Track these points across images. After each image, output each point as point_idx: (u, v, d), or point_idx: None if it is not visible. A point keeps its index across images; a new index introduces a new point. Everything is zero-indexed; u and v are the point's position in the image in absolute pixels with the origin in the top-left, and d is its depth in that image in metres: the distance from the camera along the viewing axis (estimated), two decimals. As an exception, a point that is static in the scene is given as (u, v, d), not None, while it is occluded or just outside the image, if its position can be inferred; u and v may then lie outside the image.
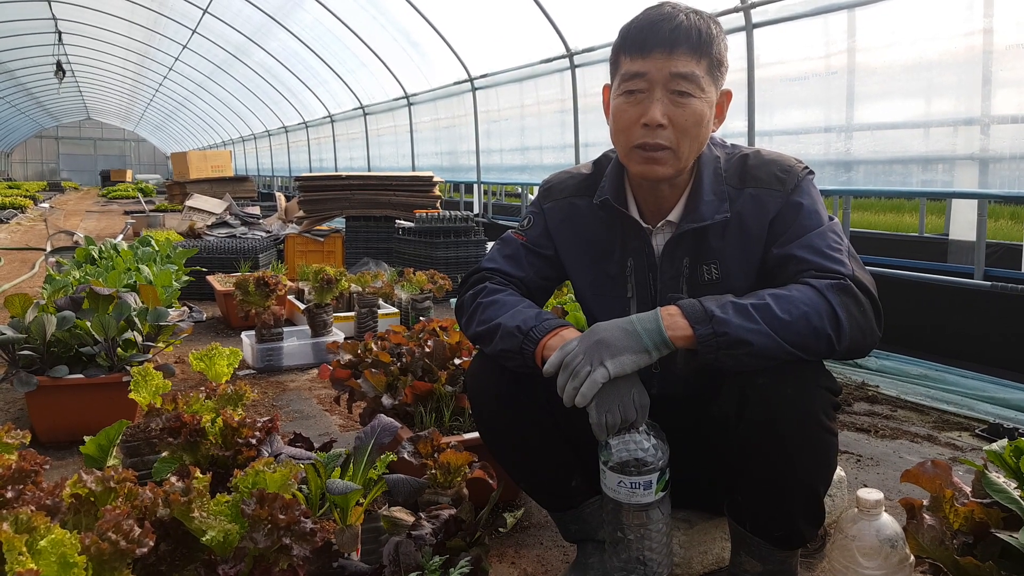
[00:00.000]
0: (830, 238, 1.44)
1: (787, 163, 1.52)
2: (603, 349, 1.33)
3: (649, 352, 1.33)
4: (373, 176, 7.32)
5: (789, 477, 1.39)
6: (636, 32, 1.45)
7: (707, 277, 1.53)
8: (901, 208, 15.03)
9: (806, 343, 1.32)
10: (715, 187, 1.52)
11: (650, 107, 1.42)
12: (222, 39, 14.35)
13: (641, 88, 1.43)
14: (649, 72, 1.42)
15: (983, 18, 3.58)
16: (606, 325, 1.37)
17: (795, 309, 1.32)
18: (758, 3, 4.73)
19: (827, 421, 1.37)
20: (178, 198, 13.77)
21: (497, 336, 1.50)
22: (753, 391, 1.35)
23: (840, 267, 1.39)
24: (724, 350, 1.31)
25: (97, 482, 1.31)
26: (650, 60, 1.41)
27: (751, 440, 1.38)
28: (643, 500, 1.35)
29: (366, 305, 4.16)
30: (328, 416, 3.08)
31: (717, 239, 1.52)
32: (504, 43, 8.09)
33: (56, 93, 26.66)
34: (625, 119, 1.46)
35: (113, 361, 2.69)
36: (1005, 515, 1.33)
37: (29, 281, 6.61)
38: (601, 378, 1.31)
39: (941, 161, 3.91)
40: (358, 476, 1.59)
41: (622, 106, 1.46)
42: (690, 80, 1.41)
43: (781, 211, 1.48)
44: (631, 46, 1.45)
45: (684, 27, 1.41)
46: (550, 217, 1.69)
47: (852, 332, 1.34)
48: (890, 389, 3.38)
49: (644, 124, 1.43)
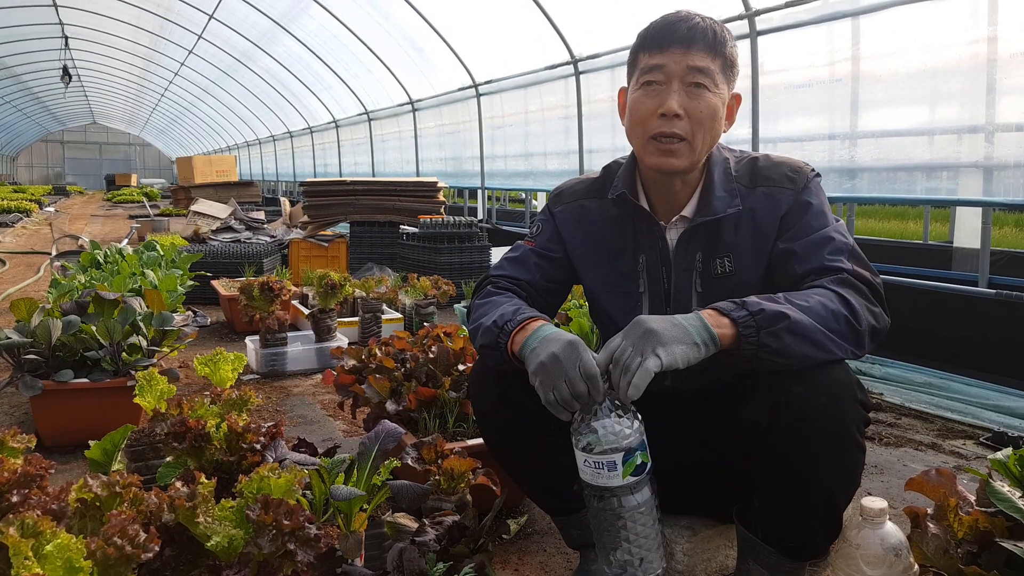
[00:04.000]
0: (836, 239, 1.49)
1: (796, 164, 1.58)
2: (653, 339, 1.30)
3: (699, 346, 1.31)
4: (377, 181, 7.34)
5: (813, 488, 1.38)
6: (655, 31, 1.52)
7: (720, 270, 1.56)
8: (905, 215, 15.01)
9: (828, 323, 1.34)
10: (726, 185, 1.56)
11: (668, 98, 1.48)
12: (228, 44, 14.41)
13: (659, 80, 1.49)
14: (667, 64, 1.48)
15: (987, 26, 3.58)
16: (650, 317, 1.35)
17: (809, 299, 1.37)
18: (762, 10, 4.73)
19: (858, 436, 1.37)
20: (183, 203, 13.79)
21: (479, 333, 1.54)
22: (786, 398, 1.35)
23: (840, 263, 1.45)
24: (765, 329, 1.30)
25: (103, 487, 1.31)
26: (668, 54, 1.48)
27: (779, 448, 1.38)
28: (609, 483, 1.31)
29: (370, 310, 4.17)
30: (332, 421, 3.08)
31: (730, 233, 1.56)
32: (509, 49, 8.11)
33: (62, 97, 26.76)
34: (643, 110, 1.51)
35: (118, 365, 2.70)
36: (1010, 524, 1.32)
37: (34, 285, 6.63)
38: (654, 367, 1.27)
39: (945, 169, 3.91)
40: (362, 482, 1.59)
41: (640, 98, 1.52)
42: (706, 74, 1.48)
43: (792, 208, 1.53)
44: (650, 43, 1.52)
45: (700, 27, 1.49)
46: (561, 220, 1.72)
47: (864, 313, 1.38)
48: (894, 397, 3.38)
49: (661, 114, 1.48)
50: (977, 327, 4.27)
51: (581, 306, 3.41)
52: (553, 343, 1.37)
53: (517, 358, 1.45)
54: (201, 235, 7.15)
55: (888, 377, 3.65)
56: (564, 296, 1.79)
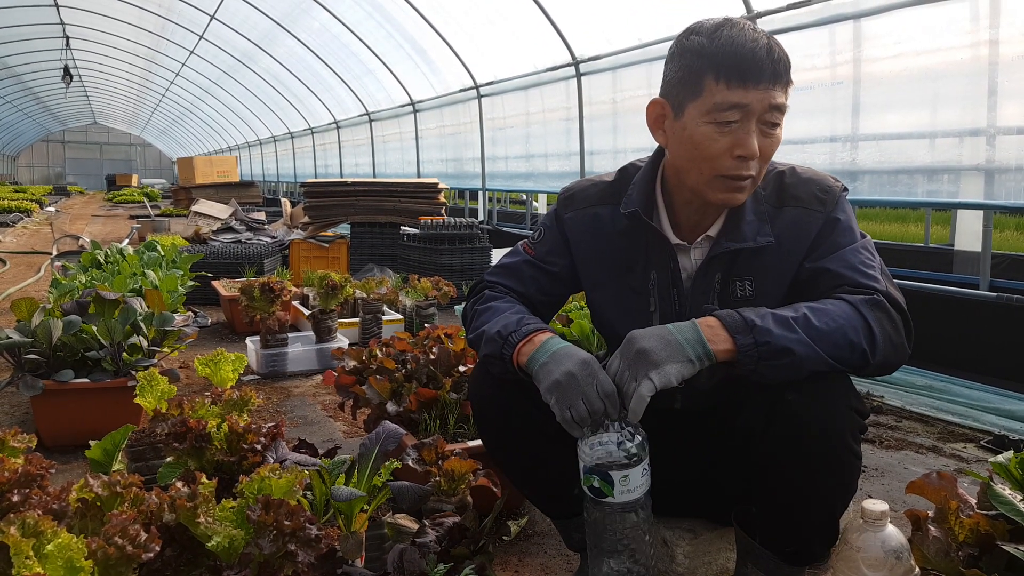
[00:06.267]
0: (864, 255, 1.44)
1: (826, 182, 1.51)
2: (646, 361, 1.29)
3: (693, 362, 1.30)
4: (378, 182, 7.34)
5: (809, 495, 1.38)
6: (736, 60, 1.36)
7: (740, 293, 1.51)
8: (906, 218, 15.00)
9: (842, 355, 1.31)
10: (755, 207, 1.50)
11: (746, 139, 1.38)
12: (229, 45, 14.42)
13: (736, 119, 1.38)
14: (751, 104, 1.37)
15: (989, 29, 3.58)
16: (643, 333, 1.33)
17: (832, 322, 1.31)
18: (764, 13, 4.74)
19: (853, 443, 1.36)
20: (184, 203, 13.79)
21: (482, 342, 1.52)
22: (782, 407, 1.34)
23: (874, 283, 1.39)
24: (765, 360, 1.29)
25: (103, 487, 1.31)
26: (753, 92, 1.36)
27: (775, 455, 1.37)
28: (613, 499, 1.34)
29: (371, 311, 4.17)
30: (332, 422, 3.08)
31: (753, 257, 1.50)
32: (510, 51, 8.11)
33: (63, 97, 26.81)
34: (715, 148, 1.40)
35: (119, 366, 2.70)
36: (1011, 527, 1.33)
37: (35, 285, 6.63)
38: (648, 392, 1.28)
39: (947, 171, 3.91)
40: (362, 483, 1.59)
41: (711, 135, 1.39)
42: (782, 111, 1.41)
43: (822, 228, 1.47)
44: (731, 75, 1.36)
45: (781, 59, 1.38)
46: (570, 228, 1.65)
47: (885, 347, 1.33)
48: (895, 400, 3.38)
49: (739, 156, 1.39)
50: (978, 330, 4.27)
51: (581, 307, 3.40)
52: (567, 360, 1.36)
53: (523, 370, 1.43)
54: (202, 235, 7.15)
55: (889, 380, 3.64)
56: (559, 307, 1.77)
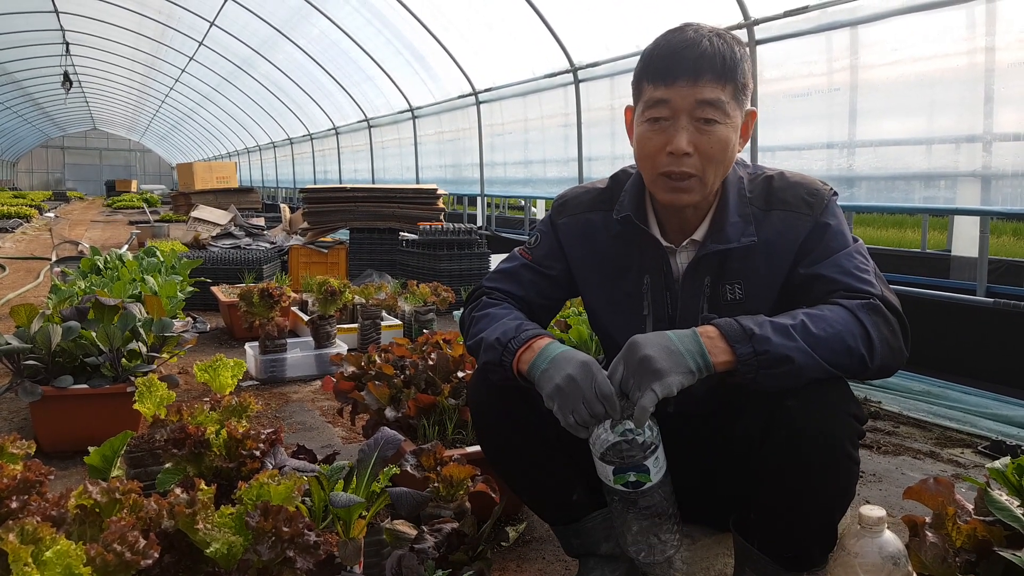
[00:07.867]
0: (857, 259, 1.44)
1: (814, 186, 1.51)
2: (650, 371, 1.30)
3: (693, 373, 1.30)
4: (377, 188, 7.35)
5: (807, 501, 1.38)
6: (659, 60, 1.41)
7: (730, 297, 1.52)
8: (903, 224, 15.02)
9: (841, 361, 1.32)
10: (740, 209, 1.50)
11: (675, 135, 1.40)
12: (229, 51, 14.44)
13: (665, 116, 1.41)
14: (673, 100, 1.39)
15: (985, 36, 3.60)
16: (646, 340, 1.33)
17: (830, 328, 1.32)
18: (761, 20, 4.75)
19: (851, 449, 1.37)
20: (183, 209, 13.82)
21: (481, 349, 1.52)
22: (781, 413, 1.35)
23: (869, 287, 1.39)
24: (764, 369, 1.30)
25: (102, 493, 1.31)
26: (674, 89, 1.39)
27: (773, 461, 1.38)
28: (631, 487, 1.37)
29: (369, 317, 4.17)
30: (331, 428, 3.08)
31: (741, 260, 1.50)
32: (508, 58, 8.14)
33: (62, 103, 26.82)
34: (650, 146, 1.43)
35: (118, 371, 2.70)
36: (1008, 533, 1.33)
37: (34, 291, 6.63)
38: (651, 404, 1.28)
39: (943, 178, 3.92)
40: (361, 489, 1.59)
41: (646, 133, 1.44)
42: (716, 107, 1.39)
43: (811, 233, 1.47)
44: (654, 73, 1.41)
45: (708, 54, 1.38)
46: (563, 233, 1.66)
47: (883, 351, 1.34)
48: (892, 405, 3.38)
49: (669, 152, 1.41)
50: (975, 336, 4.28)
51: (580, 313, 3.41)
52: (566, 364, 1.37)
53: (523, 376, 1.44)
54: (201, 241, 7.16)
55: (886, 385, 3.65)
56: (557, 311, 1.77)
